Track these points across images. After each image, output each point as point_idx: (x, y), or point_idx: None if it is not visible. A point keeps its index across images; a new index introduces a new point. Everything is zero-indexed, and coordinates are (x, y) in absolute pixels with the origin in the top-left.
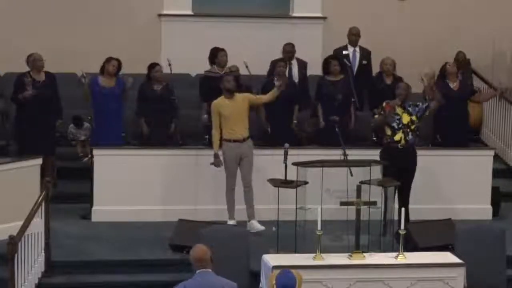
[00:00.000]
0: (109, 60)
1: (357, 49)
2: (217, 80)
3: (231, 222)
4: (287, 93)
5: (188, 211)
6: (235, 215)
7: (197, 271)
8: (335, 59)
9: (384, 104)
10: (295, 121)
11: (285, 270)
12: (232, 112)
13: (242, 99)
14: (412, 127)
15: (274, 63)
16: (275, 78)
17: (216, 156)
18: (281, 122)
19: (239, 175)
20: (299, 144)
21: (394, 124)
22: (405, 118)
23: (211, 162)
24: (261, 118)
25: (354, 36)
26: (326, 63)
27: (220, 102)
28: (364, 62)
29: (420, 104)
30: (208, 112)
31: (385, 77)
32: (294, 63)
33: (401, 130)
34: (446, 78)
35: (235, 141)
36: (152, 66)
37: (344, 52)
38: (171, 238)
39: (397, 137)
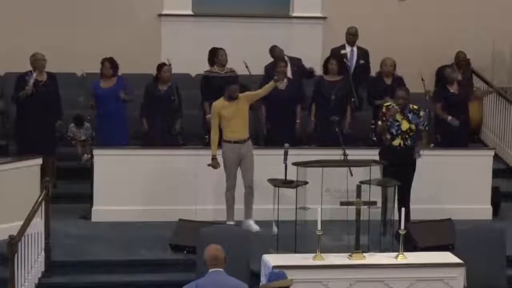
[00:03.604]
0: (102, 62)
1: (355, 48)
2: (218, 80)
3: (230, 223)
4: (288, 93)
5: (188, 211)
6: (234, 216)
7: (210, 271)
8: (334, 58)
9: (384, 109)
10: (298, 121)
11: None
12: (233, 113)
13: (243, 99)
14: (411, 134)
15: (268, 68)
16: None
17: (213, 158)
18: (283, 122)
19: (239, 176)
20: (301, 144)
21: (393, 130)
22: (404, 125)
23: (208, 164)
24: (260, 118)
25: (351, 36)
26: (325, 62)
27: (220, 104)
28: (362, 61)
29: (422, 117)
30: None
31: (384, 77)
32: (287, 62)
33: (399, 136)
34: (446, 83)
35: (235, 142)
36: (161, 66)
37: (342, 52)
38: (171, 238)
39: (395, 142)
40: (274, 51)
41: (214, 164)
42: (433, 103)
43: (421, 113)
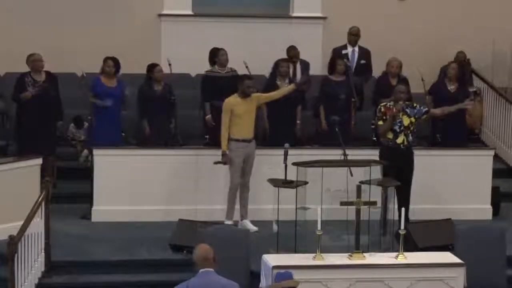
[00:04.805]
0: (105, 60)
1: (356, 48)
2: (219, 80)
3: (228, 222)
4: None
5: (188, 211)
6: (233, 216)
7: (200, 271)
8: (341, 58)
9: (382, 109)
10: (298, 121)
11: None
12: (245, 111)
13: (255, 99)
14: (412, 128)
15: (277, 63)
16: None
17: (224, 154)
18: (283, 123)
19: None
20: (301, 144)
21: (396, 127)
22: (405, 120)
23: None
24: (262, 117)
25: (353, 36)
26: (333, 62)
27: (233, 101)
28: (363, 61)
29: (418, 106)
30: (211, 112)
31: (390, 78)
32: (298, 65)
33: (402, 133)
34: (445, 79)
35: (243, 140)
36: (153, 66)
37: (343, 52)
38: (171, 238)
39: (399, 140)
40: (289, 51)
41: (225, 160)
42: (428, 94)
43: (415, 104)
